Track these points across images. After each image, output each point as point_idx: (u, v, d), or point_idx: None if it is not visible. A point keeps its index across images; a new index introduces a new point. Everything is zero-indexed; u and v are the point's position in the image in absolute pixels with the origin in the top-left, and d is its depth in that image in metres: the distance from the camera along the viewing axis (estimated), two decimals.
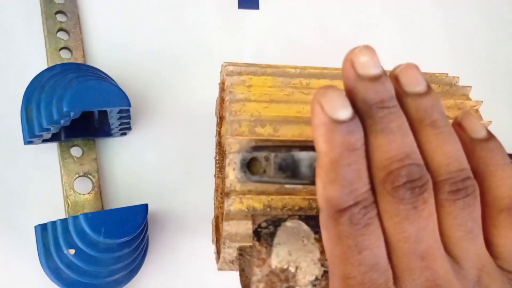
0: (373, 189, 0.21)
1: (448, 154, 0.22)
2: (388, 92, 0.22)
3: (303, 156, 0.25)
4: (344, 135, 0.21)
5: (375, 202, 0.21)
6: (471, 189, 0.21)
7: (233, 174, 0.26)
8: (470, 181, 0.22)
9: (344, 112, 0.21)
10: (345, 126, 0.21)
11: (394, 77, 0.23)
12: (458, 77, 0.33)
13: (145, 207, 0.35)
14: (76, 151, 0.38)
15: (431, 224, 0.21)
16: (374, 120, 0.21)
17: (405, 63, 0.23)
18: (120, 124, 0.38)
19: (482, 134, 0.24)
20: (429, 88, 0.23)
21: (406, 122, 0.22)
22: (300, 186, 0.27)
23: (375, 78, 0.22)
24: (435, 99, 0.23)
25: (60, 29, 0.40)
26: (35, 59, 0.40)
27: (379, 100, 0.21)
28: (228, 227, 0.27)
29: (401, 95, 0.23)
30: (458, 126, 0.24)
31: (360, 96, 0.22)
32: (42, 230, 0.34)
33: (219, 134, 0.39)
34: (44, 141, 0.37)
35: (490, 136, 0.24)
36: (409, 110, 0.22)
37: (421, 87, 0.23)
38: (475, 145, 0.23)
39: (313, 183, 0.26)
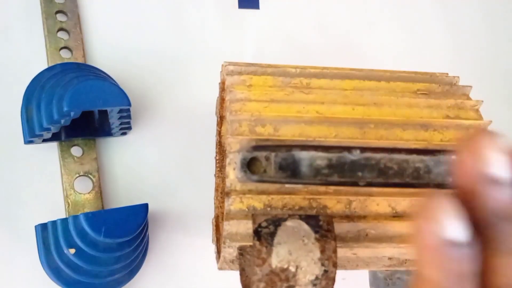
0: None
1: None
2: None
3: (303, 155, 0.25)
4: (461, 261, 0.17)
5: None
6: None
7: (233, 173, 0.26)
8: None
9: (464, 233, 0.17)
10: (462, 250, 0.17)
11: None
12: (458, 76, 0.33)
13: (145, 206, 0.35)
14: (76, 151, 0.38)
15: None
16: (504, 237, 0.17)
17: None
18: (120, 124, 0.38)
19: None
20: None
21: None
22: (300, 186, 0.27)
23: (510, 183, 0.17)
24: None
25: (60, 29, 0.40)
26: (35, 59, 0.40)
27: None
28: (229, 226, 0.27)
29: None
30: None
31: (487, 205, 0.17)
32: (42, 229, 0.34)
33: (219, 133, 0.39)
34: (44, 140, 0.37)
35: None
36: None
37: None
38: None
39: (313, 182, 0.26)
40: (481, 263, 0.17)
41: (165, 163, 0.41)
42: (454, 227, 0.16)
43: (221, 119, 0.39)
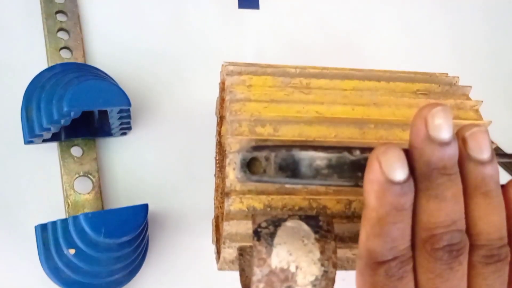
0: (412, 243, 0.23)
1: (493, 223, 0.23)
2: (453, 159, 0.22)
3: (303, 156, 0.25)
4: (396, 195, 0.21)
5: (413, 256, 0.23)
6: (504, 255, 0.23)
7: (233, 174, 0.26)
8: (505, 249, 0.23)
9: (401, 173, 0.21)
10: (398, 187, 0.21)
11: (461, 138, 0.23)
12: (458, 77, 0.33)
13: (145, 207, 0.35)
14: (76, 151, 0.38)
15: (462, 283, 0.23)
16: (431, 185, 0.22)
17: (476, 127, 0.23)
18: (120, 124, 0.38)
19: None
20: (492, 157, 0.23)
21: (461, 189, 0.22)
22: (300, 186, 0.27)
23: (445, 144, 0.22)
24: (496, 169, 0.23)
25: (60, 29, 0.40)
26: (35, 59, 0.40)
27: (442, 166, 0.22)
28: (228, 227, 0.27)
29: (463, 158, 0.23)
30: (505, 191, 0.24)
31: (424, 158, 0.22)
32: (42, 230, 0.34)
33: (219, 134, 0.39)
34: (44, 140, 0.37)
35: None
36: (467, 175, 0.23)
37: (486, 155, 0.23)
38: None
39: (313, 183, 0.26)
40: (413, 203, 0.22)
41: (165, 163, 0.41)
42: (395, 167, 0.21)
43: (221, 119, 0.39)
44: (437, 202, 0.22)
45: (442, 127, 0.21)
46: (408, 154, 0.22)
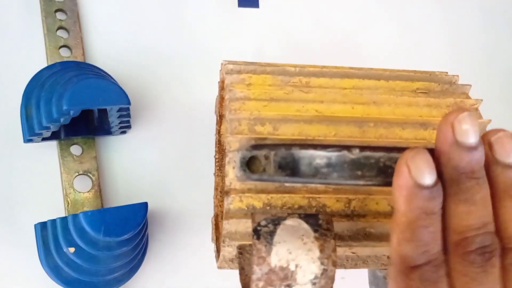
0: (443, 247, 0.23)
1: None
2: (480, 163, 0.22)
3: (302, 154, 0.25)
4: (426, 200, 0.22)
5: (445, 260, 0.23)
6: None
7: (232, 172, 0.26)
8: None
9: (430, 178, 0.22)
10: (427, 192, 0.22)
11: (488, 143, 0.23)
12: (457, 75, 0.33)
13: (144, 205, 0.35)
14: (76, 150, 0.38)
15: (497, 286, 0.22)
16: (460, 189, 0.22)
17: (502, 132, 0.23)
18: (120, 123, 0.38)
19: None
20: None
21: (489, 192, 0.23)
22: (299, 185, 0.27)
23: (472, 148, 0.22)
24: None
25: (60, 27, 0.40)
26: (35, 57, 0.40)
27: (470, 170, 0.22)
28: (228, 225, 0.27)
29: (490, 162, 0.23)
30: None
31: (452, 163, 0.22)
32: (42, 228, 0.34)
33: (218, 132, 0.39)
34: (44, 139, 0.37)
35: None
36: (495, 179, 0.23)
37: None
38: None
39: (312, 181, 0.26)
40: (442, 206, 0.22)
41: (164, 162, 0.41)
42: (424, 172, 0.22)
43: (220, 118, 0.39)
44: (467, 206, 0.22)
45: (469, 132, 0.22)
46: (435, 158, 0.22)
